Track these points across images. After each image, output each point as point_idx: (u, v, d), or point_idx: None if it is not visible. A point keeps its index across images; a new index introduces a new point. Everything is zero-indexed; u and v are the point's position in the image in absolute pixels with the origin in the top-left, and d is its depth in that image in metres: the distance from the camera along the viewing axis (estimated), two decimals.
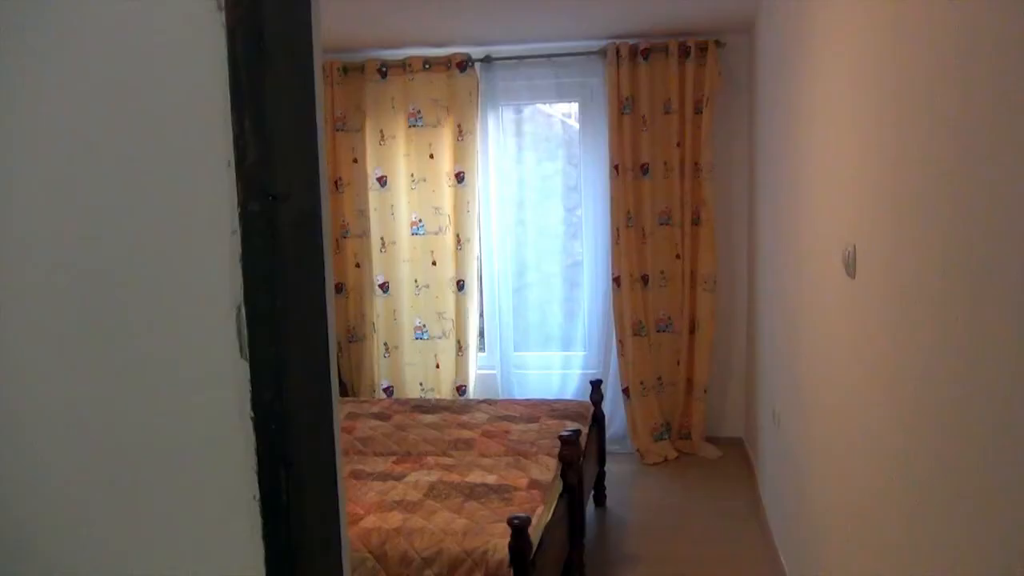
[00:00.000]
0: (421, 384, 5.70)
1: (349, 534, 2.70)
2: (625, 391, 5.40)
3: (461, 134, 5.48)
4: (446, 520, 2.78)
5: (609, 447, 5.26)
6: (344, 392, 5.54)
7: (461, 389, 5.63)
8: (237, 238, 0.83)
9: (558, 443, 3.46)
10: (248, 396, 0.85)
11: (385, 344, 5.72)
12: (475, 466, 3.37)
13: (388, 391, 5.71)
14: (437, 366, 5.67)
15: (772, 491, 4.04)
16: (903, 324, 1.74)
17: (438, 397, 5.58)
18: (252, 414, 0.85)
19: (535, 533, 2.76)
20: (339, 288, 5.72)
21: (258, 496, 0.86)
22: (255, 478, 0.86)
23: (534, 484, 3.14)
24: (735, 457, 5.29)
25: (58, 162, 0.82)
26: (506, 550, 2.56)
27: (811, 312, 2.87)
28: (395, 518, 2.81)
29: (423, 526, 2.74)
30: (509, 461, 3.44)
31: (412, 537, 2.67)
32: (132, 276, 0.83)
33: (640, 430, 5.35)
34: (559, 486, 3.35)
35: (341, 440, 3.04)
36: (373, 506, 2.93)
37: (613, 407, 5.51)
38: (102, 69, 0.81)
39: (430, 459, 3.50)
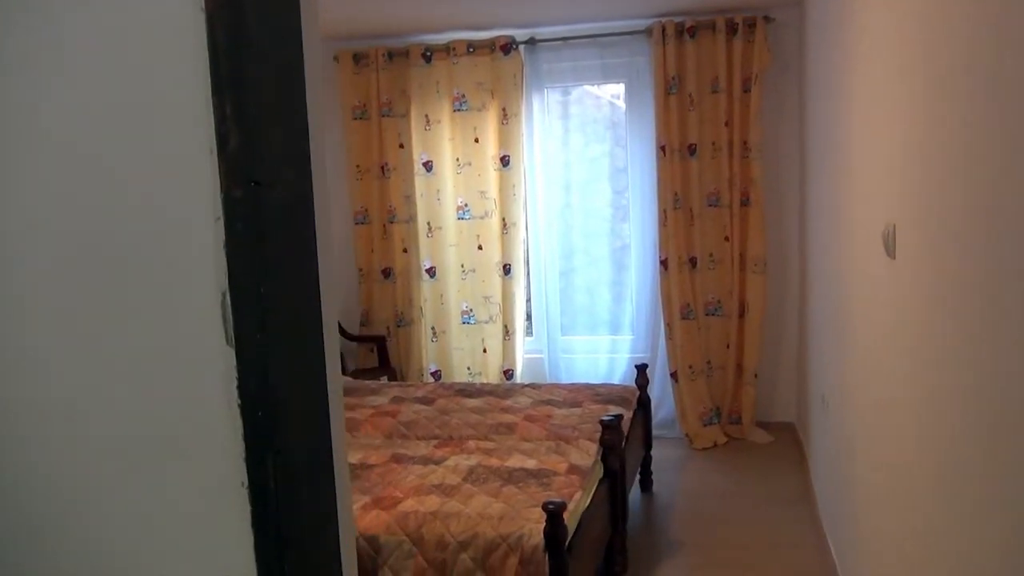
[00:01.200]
0: (469, 368, 5.72)
1: (387, 518, 2.73)
2: (673, 375, 5.33)
3: (506, 117, 5.45)
4: (483, 504, 2.78)
5: (657, 432, 5.22)
6: (392, 376, 5.59)
7: (508, 373, 5.63)
8: (221, 224, 0.83)
9: (600, 428, 3.44)
10: (235, 383, 0.85)
11: (433, 329, 5.74)
12: (515, 450, 3.37)
13: (436, 375, 5.74)
14: (484, 350, 5.68)
15: (822, 477, 3.95)
16: (943, 308, 1.67)
17: (485, 381, 5.60)
18: (239, 401, 0.85)
19: (571, 518, 2.75)
20: (387, 273, 5.76)
21: (247, 483, 0.86)
22: (243, 465, 0.86)
23: (573, 469, 3.13)
24: (786, 442, 5.19)
25: (38, 152, 0.83)
26: (541, 535, 2.55)
27: (855, 294, 2.79)
28: (433, 502, 2.82)
29: (460, 510, 2.74)
30: (550, 446, 3.43)
31: (449, 521, 2.68)
32: (115, 264, 0.84)
33: (689, 415, 5.29)
34: (600, 471, 3.32)
35: (384, 424, 3.08)
36: (412, 490, 2.95)
37: (661, 391, 5.45)
38: (81, 56, 0.81)
39: (471, 443, 3.50)
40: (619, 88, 5.65)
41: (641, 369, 4.50)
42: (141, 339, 0.86)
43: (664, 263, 5.29)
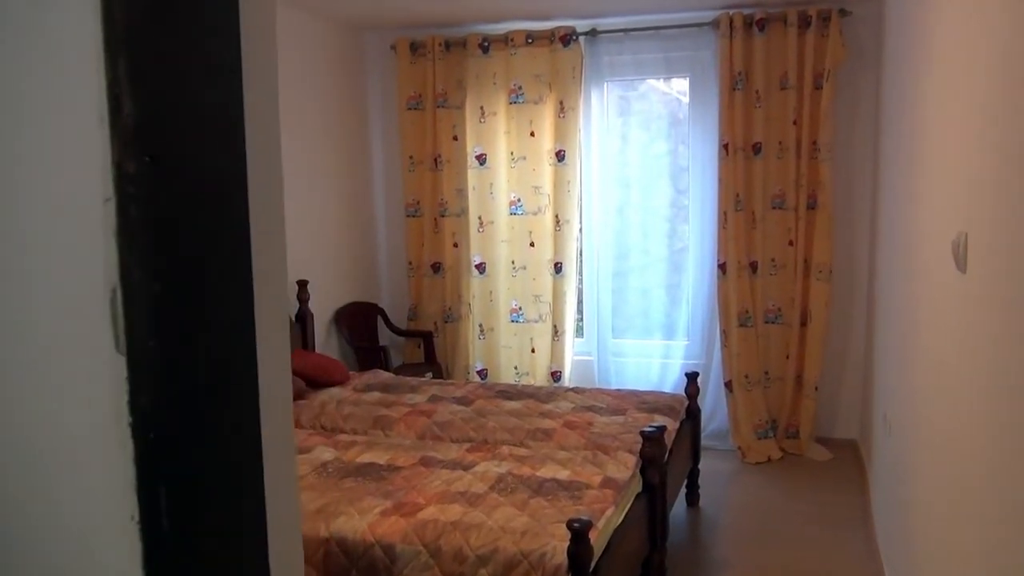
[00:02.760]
0: (516, 368, 5.57)
1: (405, 525, 2.59)
2: (728, 384, 5.09)
3: (563, 111, 5.28)
4: (507, 517, 2.62)
5: (708, 443, 4.99)
6: (438, 373, 5.47)
7: (556, 375, 5.46)
8: (112, 207, 0.69)
9: (641, 439, 3.25)
10: (125, 397, 0.71)
11: (480, 326, 5.61)
12: (549, 459, 3.20)
13: (482, 374, 5.61)
14: (532, 350, 5.52)
15: (882, 500, 3.68)
16: (1019, 329, 1.45)
17: (532, 382, 5.44)
18: (130, 419, 0.71)
19: (600, 537, 2.57)
20: (436, 268, 5.65)
21: (137, 517, 0.72)
22: (134, 496, 0.72)
23: (608, 483, 2.95)
24: (847, 460, 4.90)
25: None
26: (565, 555, 2.38)
27: (922, 309, 2.54)
28: (455, 511, 2.68)
29: (482, 522, 2.59)
30: (586, 456, 3.25)
31: (469, 533, 2.53)
32: None
33: (743, 427, 5.04)
34: (638, 485, 3.14)
35: (418, 424, 2.94)
36: (436, 496, 2.81)
37: (715, 401, 5.22)
38: None
39: (504, 449, 3.35)
40: (681, 83, 5.41)
41: (691, 378, 4.28)
42: (11, 344, 0.72)
43: (722, 267, 5.04)
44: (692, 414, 4.22)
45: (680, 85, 5.44)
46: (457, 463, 3.16)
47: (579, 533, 2.35)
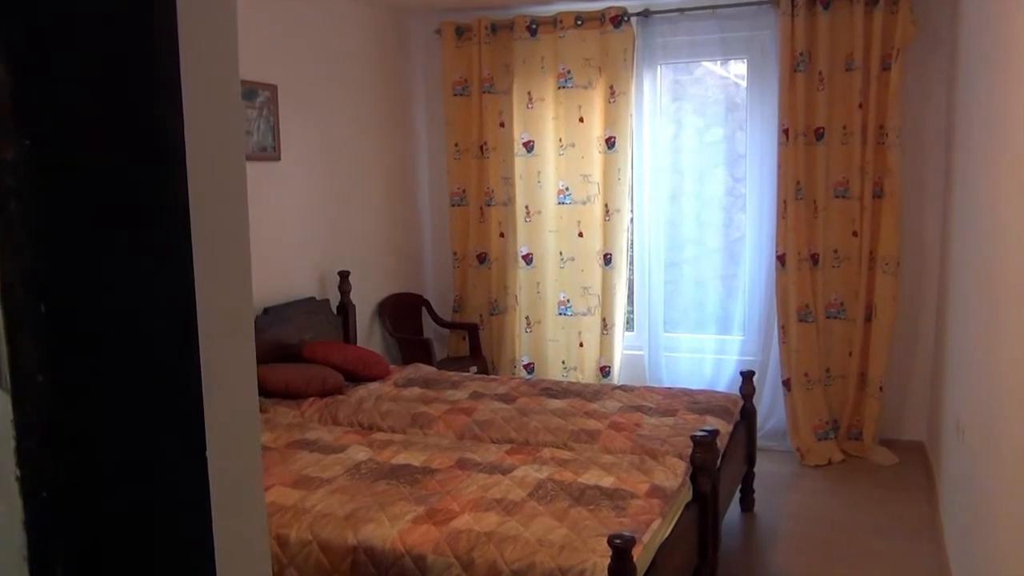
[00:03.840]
0: (563, 362, 5.39)
1: (437, 534, 2.44)
2: (786, 383, 4.84)
3: (613, 96, 5.06)
4: (545, 528, 2.46)
5: (764, 443, 4.76)
6: (483, 367, 5.32)
7: (605, 370, 5.27)
8: None
9: (691, 443, 3.05)
10: (12, 444, 0.56)
11: (527, 318, 5.44)
12: (593, 464, 3.02)
13: (528, 368, 5.45)
14: (581, 344, 5.33)
15: (953, 509, 3.42)
16: None
17: (580, 377, 5.26)
18: (17, 472, 0.56)
19: (645, 553, 2.39)
20: (482, 258, 5.50)
21: None
22: (25, 567, 0.57)
23: (655, 491, 2.76)
24: (913, 464, 4.62)
25: None
26: (606, 573, 2.21)
27: (1007, 308, 2.29)
28: (490, 520, 2.52)
29: (518, 533, 2.43)
30: (633, 460, 3.06)
31: (504, 545, 2.37)
32: None
33: (802, 427, 4.79)
34: (688, 492, 2.94)
35: (458, 422, 2.80)
36: (471, 503, 2.66)
37: (772, 399, 4.98)
38: None
39: (546, 451, 3.18)
40: (738, 66, 5.15)
41: (747, 377, 4.06)
42: None
43: (781, 259, 4.79)
44: (747, 415, 4.00)
45: (737, 68, 5.18)
46: (495, 467, 3.00)
47: (621, 551, 2.18)
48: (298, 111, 4.46)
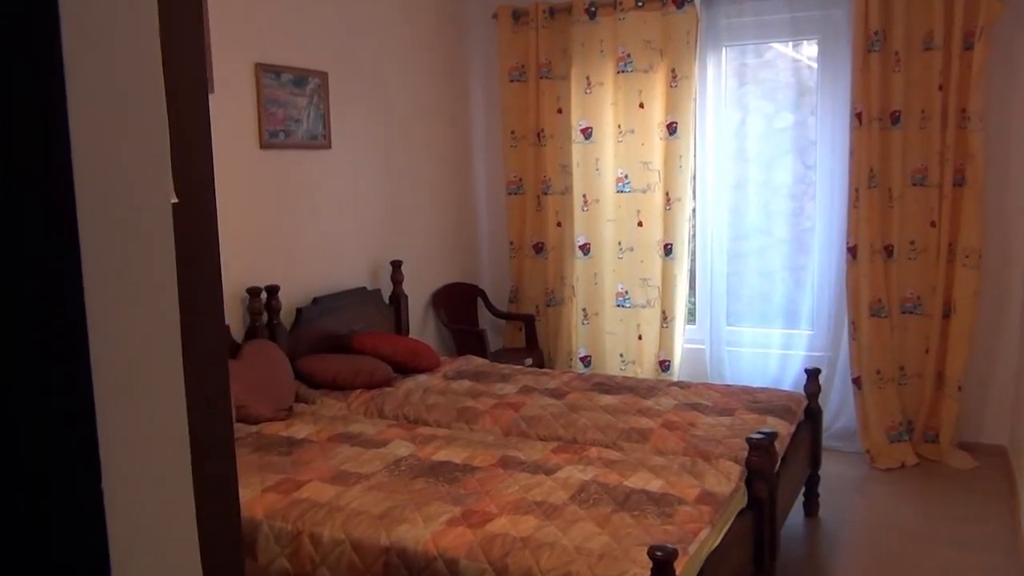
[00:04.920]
0: (622, 355, 5.23)
1: (471, 538, 2.34)
2: (856, 381, 4.59)
3: (675, 80, 4.87)
4: (585, 535, 2.33)
5: (832, 443, 4.55)
6: (539, 359, 5.20)
7: (664, 364, 5.09)
8: None
9: (747, 446, 2.87)
10: None
11: (584, 310, 5.29)
12: (642, 465, 2.87)
13: (585, 360, 5.30)
14: (639, 337, 5.16)
15: None
16: None
17: (639, 371, 5.10)
18: None
19: (691, 564, 2.24)
20: (539, 248, 5.37)
21: None
22: None
23: (705, 497, 2.60)
24: (994, 469, 4.34)
25: None
26: None
27: None
28: (528, 524, 2.40)
29: (556, 539, 2.31)
30: (684, 463, 2.90)
31: (540, 552, 2.25)
32: None
33: (872, 428, 4.54)
34: (742, 498, 2.77)
35: (505, 418, 2.71)
36: (509, 505, 2.54)
37: (841, 397, 4.74)
38: None
39: (593, 451, 3.04)
40: (813, 50, 4.88)
41: (812, 375, 3.84)
42: None
43: (852, 250, 4.54)
44: (812, 415, 3.79)
45: (810, 51, 4.91)
46: (539, 466, 2.88)
47: (662, 564, 2.03)
48: (349, 98, 4.40)
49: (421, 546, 2.34)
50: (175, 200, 1.36)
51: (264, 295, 3.80)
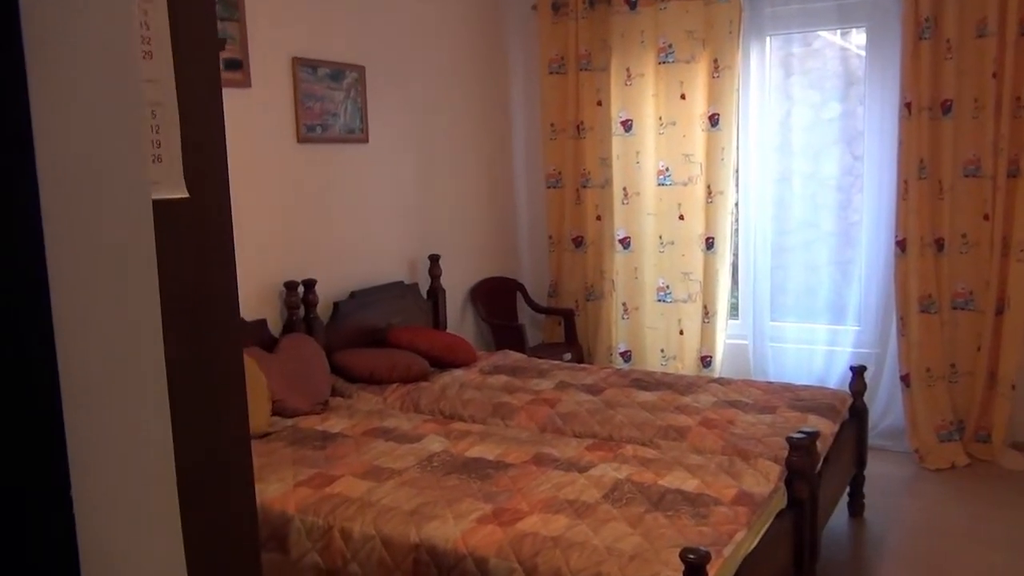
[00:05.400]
0: (662, 351, 5.16)
1: (501, 536, 2.30)
2: (904, 378, 4.46)
3: (717, 70, 4.77)
4: (616, 535, 2.28)
5: (879, 442, 4.43)
6: (578, 354, 5.15)
7: (706, 360, 5.01)
8: None
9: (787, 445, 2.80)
10: None
11: (624, 305, 5.23)
12: (678, 464, 2.81)
13: (626, 356, 5.24)
14: (681, 332, 5.08)
15: None
16: None
17: (680, 367, 5.02)
18: None
19: (726, 567, 2.18)
20: (578, 242, 5.31)
21: None
22: None
23: (742, 498, 2.53)
24: None
25: None
26: None
27: None
28: (559, 523, 2.36)
29: (587, 539, 2.26)
30: (721, 462, 2.83)
31: (570, 552, 2.21)
32: None
33: (922, 427, 4.41)
34: (782, 499, 2.70)
35: (540, 414, 2.69)
36: (541, 503, 2.51)
37: (889, 395, 4.61)
38: None
39: (628, 449, 2.99)
40: (861, 38, 4.74)
41: (858, 372, 3.73)
42: None
43: (901, 244, 4.40)
44: (857, 413, 3.68)
45: (858, 39, 4.77)
46: (573, 463, 2.84)
47: (694, 567, 1.98)
48: (387, 92, 4.39)
49: (451, 544, 2.32)
50: (185, 195, 1.33)
51: (301, 289, 3.81)
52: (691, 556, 1.99)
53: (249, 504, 1.32)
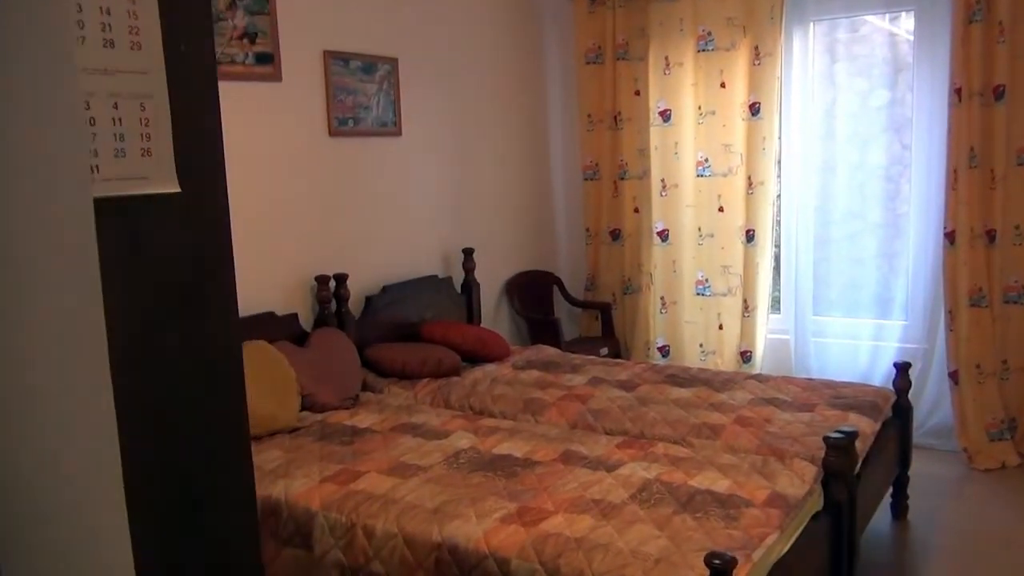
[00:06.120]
0: (701, 346, 5.06)
1: (524, 536, 2.26)
2: (953, 375, 4.31)
3: (758, 57, 4.65)
4: (642, 537, 2.22)
5: (927, 441, 4.30)
6: (615, 348, 5.07)
7: (746, 355, 4.90)
8: None
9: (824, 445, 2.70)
10: None
11: (662, 298, 5.14)
12: (710, 464, 2.73)
13: (664, 350, 5.15)
14: (720, 327, 4.98)
15: None
16: None
17: (719, 362, 4.92)
18: None
19: (754, 572, 2.10)
20: (616, 235, 5.23)
21: None
22: None
23: (775, 500, 2.45)
24: None
25: None
26: None
27: None
28: (584, 524, 2.31)
29: (612, 541, 2.20)
30: (755, 462, 2.75)
31: (593, 554, 2.15)
32: None
33: (971, 425, 4.25)
34: (818, 501, 2.61)
35: (571, 410, 2.64)
36: (566, 503, 2.45)
37: (937, 392, 4.46)
38: None
39: (660, 447, 2.92)
40: (910, 21, 4.57)
41: (902, 369, 3.61)
42: None
43: (950, 235, 4.25)
44: (901, 412, 3.56)
45: (907, 23, 4.60)
46: (601, 462, 2.78)
47: (720, 573, 1.91)
48: (420, 84, 4.36)
49: (472, 544, 2.28)
50: (177, 189, 1.30)
51: (333, 283, 3.80)
52: (716, 561, 1.92)
53: (249, 502, 1.28)
